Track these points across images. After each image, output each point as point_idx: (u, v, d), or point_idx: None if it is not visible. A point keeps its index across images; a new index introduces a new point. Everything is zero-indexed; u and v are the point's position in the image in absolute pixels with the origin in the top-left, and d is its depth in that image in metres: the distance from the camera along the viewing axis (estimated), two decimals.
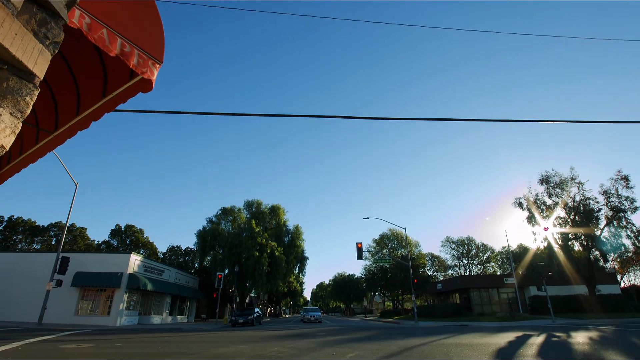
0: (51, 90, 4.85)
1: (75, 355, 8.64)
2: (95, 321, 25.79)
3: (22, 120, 1.86)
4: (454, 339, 12.21)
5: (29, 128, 5.59)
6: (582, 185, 32.08)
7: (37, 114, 5.26)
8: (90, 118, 4.56)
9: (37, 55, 1.88)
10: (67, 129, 4.95)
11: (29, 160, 5.98)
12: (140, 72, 3.51)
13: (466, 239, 63.16)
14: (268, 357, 8.27)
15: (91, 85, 4.39)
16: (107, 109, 4.42)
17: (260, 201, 48.32)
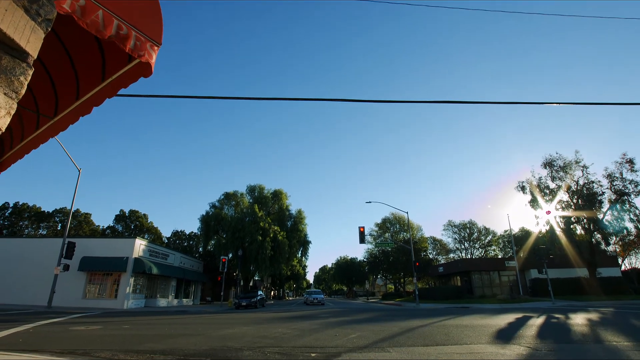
0: (49, 73, 4.76)
1: (84, 337, 8.85)
2: (103, 304, 26.36)
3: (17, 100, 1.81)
4: (454, 321, 12.41)
5: (29, 114, 5.53)
6: (586, 169, 31.91)
7: (36, 99, 5.19)
8: (92, 103, 4.49)
9: (29, 32, 1.81)
10: (67, 114, 4.89)
11: (30, 146, 5.94)
12: (138, 55, 3.42)
13: (468, 223, 63.45)
14: (272, 337, 8.44)
15: (89, 69, 4.30)
16: (109, 94, 4.35)
17: (263, 186, 48.48)
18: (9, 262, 27.81)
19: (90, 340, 8.28)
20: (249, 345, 7.25)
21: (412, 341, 7.70)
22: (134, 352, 6.52)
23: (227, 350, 6.74)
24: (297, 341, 7.89)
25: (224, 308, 27.28)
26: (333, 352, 6.46)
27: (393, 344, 7.28)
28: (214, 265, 43.13)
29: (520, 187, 35.04)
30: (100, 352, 6.51)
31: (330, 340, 8.02)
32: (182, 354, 6.36)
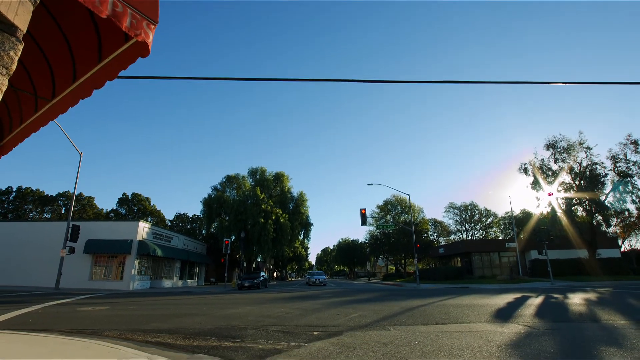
0: (44, 54, 4.66)
1: (92, 317, 9.07)
2: (109, 286, 26.90)
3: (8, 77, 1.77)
4: (454, 300, 12.62)
5: (26, 96, 5.46)
6: (590, 150, 31.66)
7: (33, 81, 5.11)
8: (91, 85, 4.41)
9: (16, 5, 1.74)
10: (66, 96, 4.82)
11: (30, 129, 5.90)
12: (134, 34, 3.33)
13: (469, 205, 63.64)
14: (275, 317, 8.62)
15: (85, 50, 4.21)
16: (109, 77, 4.26)
17: (264, 168, 48.48)
18: (15, 246, 28.25)
19: (98, 320, 8.49)
20: (253, 325, 7.42)
21: (413, 320, 7.85)
22: (141, 332, 6.69)
23: (231, 329, 6.90)
24: (299, 320, 8.06)
25: (228, 289, 27.81)
26: (335, 330, 6.60)
27: (394, 323, 7.43)
28: (217, 247, 43.74)
29: (523, 169, 34.91)
30: (108, 331, 6.68)
31: (332, 319, 8.19)
32: (187, 332, 6.51)
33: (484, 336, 5.82)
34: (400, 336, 5.95)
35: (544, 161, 33.75)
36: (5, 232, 29.25)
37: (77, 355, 4.35)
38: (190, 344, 5.52)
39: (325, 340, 5.72)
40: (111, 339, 5.84)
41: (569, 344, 5.19)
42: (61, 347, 4.87)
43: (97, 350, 4.65)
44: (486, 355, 4.54)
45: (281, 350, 5.00)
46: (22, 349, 4.78)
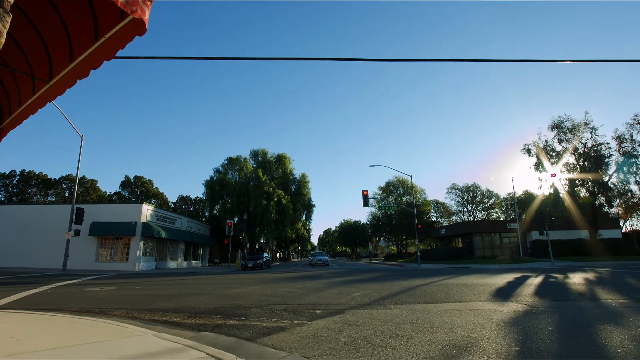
0: (39, 33, 4.55)
1: (100, 297, 9.27)
2: (115, 267, 27.42)
3: None
4: (454, 280, 12.80)
5: (23, 77, 5.37)
6: (595, 131, 31.31)
7: (29, 61, 5.01)
8: (88, 65, 4.33)
9: None
10: (64, 77, 4.74)
11: (29, 111, 5.84)
12: (130, 10, 3.24)
13: (472, 186, 63.66)
14: (278, 296, 8.79)
15: (81, 28, 4.10)
16: (105, 56, 4.17)
17: (266, 150, 48.38)
18: (21, 228, 28.66)
19: (105, 300, 8.68)
20: (257, 303, 7.56)
21: (413, 299, 7.98)
22: (147, 311, 6.84)
23: (235, 308, 7.05)
24: (302, 299, 8.21)
25: (232, 269, 28.30)
26: (337, 309, 6.73)
27: (395, 302, 7.56)
28: (220, 229, 44.21)
29: (526, 150, 34.66)
30: (115, 311, 6.84)
31: (334, 298, 8.34)
32: (192, 311, 6.66)
33: (484, 314, 5.91)
34: (401, 314, 6.06)
35: (547, 142, 33.48)
36: (11, 215, 29.62)
37: (87, 334, 4.46)
38: (195, 322, 5.65)
39: (327, 318, 5.83)
40: (119, 318, 5.99)
41: (567, 322, 5.27)
42: (70, 326, 5.00)
43: (106, 329, 4.77)
44: (485, 332, 4.62)
45: (285, 328, 5.11)
46: (33, 327, 4.91)
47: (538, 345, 3.95)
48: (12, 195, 53.73)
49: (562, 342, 4.12)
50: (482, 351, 3.77)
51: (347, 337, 4.51)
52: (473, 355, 3.62)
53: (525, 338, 4.32)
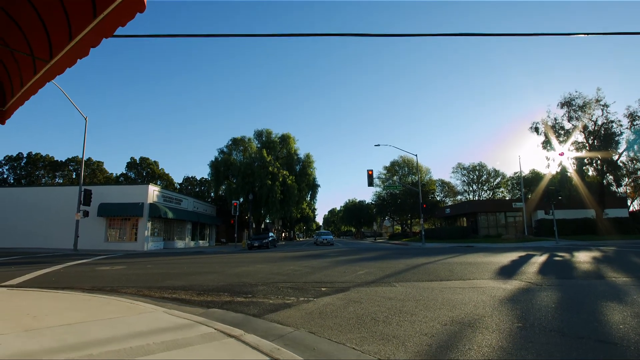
0: (38, 12, 4.46)
1: (110, 275, 9.52)
2: (125, 247, 28.02)
3: None
4: (458, 258, 12.91)
5: (24, 57, 5.32)
6: (607, 108, 30.57)
7: (29, 41, 4.95)
8: (88, 44, 4.26)
9: None
10: (64, 56, 4.69)
11: (30, 91, 5.83)
12: None
13: (478, 165, 63.15)
14: (285, 274, 8.95)
15: (79, 5, 4.00)
16: (104, 34, 4.09)
17: (270, 130, 48.11)
18: (31, 210, 29.23)
19: (116, 278, 8.91)
20: (263, 281, 7.72)
21: (417, 277, 8.09)
22: (157, 289, 7.02)
23: (242, 285, 7.20)
24: (308, 277, 8.36)
25: (238, 249, 28.80)
26: (342, 286, 6.85)
27: (399, 279, 7.67)
28: (226, 209, 44.72)
29: (534, 128, 34.06)
30: (126, 289, 7.02)
31: (339, 276, 8.48)
32: (201, 289, 6.82)
33: (487, 292, 5.98)
34: (405, 291, 6.15)
35: (556, 120, 32.82)
36: (21, 197, 30.15)
37: (99, 311, 4.60)
38: (204, 300, 5.80)
39: (333, 295, 5.95)
40: (130, 296, 6.16)
41: (570, 299, 5.32)
42: (84, 303, 5.15)
43: (117, 306, 4.91)
44: (488, 309, 4.68)
45: (291, 305, 5.23)
46: (48, 304, 5.07)
47: (540, 322, 4.01)
48: (21, 178, 54.48)
49: (564, 318, 4.17)
50: (485, 327, 3.83)
51: (352, 314, 4.61)
52: (476, 331, 3.68)
53: (527, 315, 4.37)
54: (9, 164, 54.92)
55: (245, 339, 3.28)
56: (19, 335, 3.39)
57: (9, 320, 4.00)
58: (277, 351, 2.94)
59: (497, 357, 2.95)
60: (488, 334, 3.57)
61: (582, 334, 3.52)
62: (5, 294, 6.05)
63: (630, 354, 2.97)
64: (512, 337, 3.48)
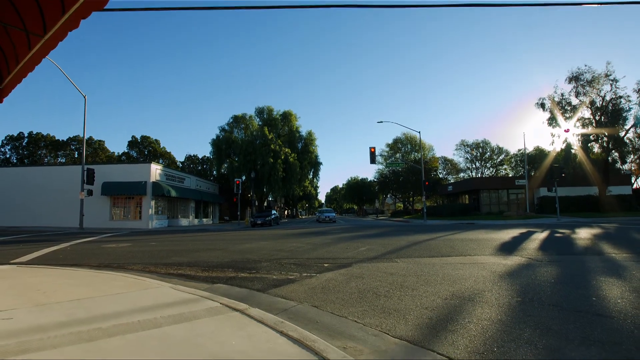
0: None
1: (117, 252, 9.70)
2: (129, 225, 28.42)
3: None
4: (460, 235, 13.03)
5: (18, 33, 5.20)
6: (616, 83, 29.83)
7: (22, 17, 4.83)
8: (79, 16, 4.16)
9: None
10: (57, 30, 4.59)
11: (26, 68, 5.75)
12: None
13: (481, 142, 62.65)
14: (287, 251, 9.09)
15: None
16: (95, 6, 3.98)
17: (272, 107, 47.58)
18: (36, 189, 29.50)
19: (122, 255, 9.08)
20: (267, 258, 7.85)
21: (419, 253, 8.18)
22: (163, 265, 7.16)
23: (246, 261, 7.33)
24: (310, 254, 8.48)
25: (242, 226, 29.17)
26: (344, 262, 6.96)
27: (400, 256, 7.77)
28: (229, 187, 44.93)
29: (540, 104, 33.43)
30: (132, 265, 7.17)
31: (341, 252, 8.60)
32: (206, 265, 6.95)
33: (487, 267, 6.05)
34: (407, 267, 6.24)
35: (563, 95, 32.14)
36: (26, 176, 30.36)
37: (107, 286, 4.71)
38: (209, 275, 5.91)
39: (335, 271, 6.05)
40: (136, 272, 6.28)
41: (569, 275, 5.38)
42: (91, 279, 5.27)
43: (124, 282, 5.02)
44: (488, 284, 4.75)
45: (294, 280, 5.33)
46: (57, 280, 5.19)
47: (540, 296, 4.07)
48: (23, 157, 54.66)
49: (563, 293, 4.23)
50: (485, 301, 3.90)
51: (354, 288, 4.70)
52: (476, 305, 3.75)
53: (527, 289, 4.44)
54: (11, 144, 54.98)
55: (250, 313, 3.36)
56: (30, 310, 3.48)
57: (20, 296, 4.11)
58: (281, 324, 3.01)
59: (496, 329, 3.02)
60: (487, 308, 3.64)
61: (580, 308, 3.58)
62: (15, 271, 6.19)
63: (627, 326, 3.02)
64: (511, 311, 3.54)
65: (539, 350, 2.58)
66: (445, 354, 2.57)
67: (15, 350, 2.41)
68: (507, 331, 2.98)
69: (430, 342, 2.80)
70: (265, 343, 2.60)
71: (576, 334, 2.88)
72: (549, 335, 2.87)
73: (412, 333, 3.01)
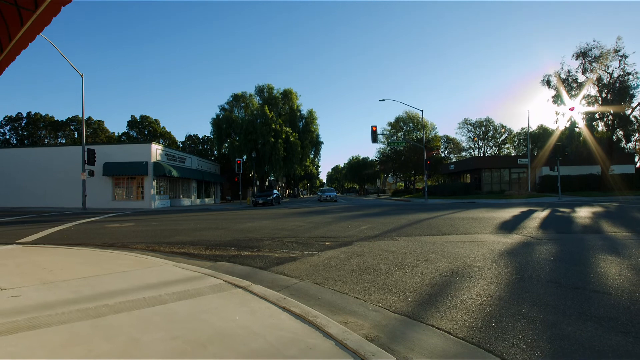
0: None
1: (120, 232, 9.82)
2: (132, 205, 28.64)
3: None
4: (460, 214, 13.09)
5: (9, 8, 5.05)
6: (625, 59, 29.06)
7: None
8: None
9: None
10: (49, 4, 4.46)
11: (20, 46, 5.63)
12: None
13: (485, 121, 61.99)
14: (289, 229, 9.17)
15: None
16: None
17: (272, 86, 46.79)
18: (38, 170, 29.56)
19: (126, 235, 9.19)
20: (269, 236, 7.93)
21: (419, 231, 8.25)
22: (166, 244, 7.25)
23: (249, 240, 7.41)
24: (312, 232, 8.56)
25: (243, 206, 29.36)
26: (345, 240, 7.03)
27: (401, 234, 7.84)
28: (230, 167, 44.95)
29: (546, 81, 32.75)
30: (136, 244, 7.26)
31: (342, 231, 8.68)
32: (209, 244, 7.04)
33: (488, 245, 6.11)
34: (407, 245, 6.30)
35: (570, 72, 31.41)
36: (27, 157, 30.35)
37: (112, 264, 4.78)
38: (212, 254, 6.00)
39: (336, 249, 6.12)
40: (140, 251, 6.37)
41: (568, 252, 5.43)
42: (96, 258, 5.35)
43: (129, 260, 5.10)
44: (488, 262, 4.81)
45: (296, 258, 5.40)
46: (63, 259, 5.27)
47: (538, 274, 4.12)
48: (23, 138, 54.46)
49: (561, 270, 4.28)
50: (484, 278, 3.95)
51: (355, 266, 4.76)
52: (475, 282, 3.81)
53: (526, 267, 4.49)
54: (10, 124, 54.65)
55: (253, 289, 3.42)
56: (38, 288, 3.56)
57: (27, 275, 4.18)
58: (283, 300, 3.07)
59: (495, 305, 3.07)
60: (487, 285, 3.69)
61: (577, 285, 3.63)
62: (22, 251, 6.29)
63: (623, 302, 3.07)
64: (509, 288, 3.59)
65: (536, 325, 2.63)
66: (444, 328, 2.62)
67: (26, 326, 2.47)
68: (506, 307, 3.03)
69: (430, 317, 2.86)
70: (268, 318, 2.66)
71: (573, 309, 2.93)
72: (547, 310, 2.92)
73: (412, 309, 3.07)
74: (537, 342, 2.37)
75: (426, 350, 2.31)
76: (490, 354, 2.24)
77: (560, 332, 2.50)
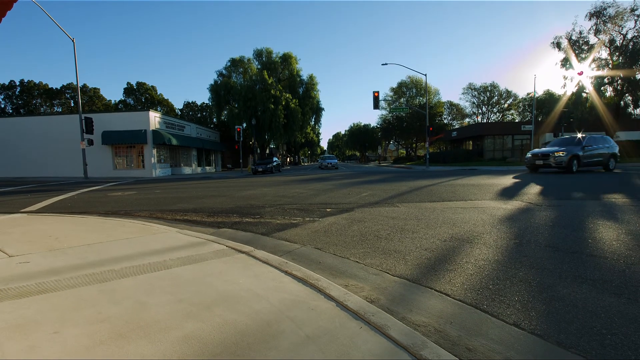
0: None
1: (123, 200, 9.91)
2: (133, 174, 28.75)
3: None
4: (461, 180, 13.11)
5: None
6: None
7: None
8: None
9: None
10: None
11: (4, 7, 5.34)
12: None
13: (490, 86, 60.50)
14: (290, 196, 9.24)
15: None
16: None
17: (271, 49, 45.36)
18: (37, 139, 29.39)
19: (128, 202, 9.28)
20: (270, 203, 8.00)
21: (420, 198, 8.30)
22: (169, 211, 7.33)
23: (250, 207, 7.49)
24: (313, 199, 8.63)
25: (244, 174, 29.45)
26: (346, 207, 7.09)
27: (402, 200, 7.89)
28: (230, 135, 44.64)
29: (556, 43, 31.52)
30: (139, 212, 7.35)
31: (343, 197, 8.73)
32: (211, 211, 7.11)
33: (487, 211, 6.16)
34: (408, 211, 6.36)
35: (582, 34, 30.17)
36: (25, 126, 30.07)
37: (116, 232, 4.86)
38: (214, 220, 6.07)
39: (337, 215, 6.18)
40: (143, 218, 6.46)
41: (567, 218, 5.47)
42: (100, 226, 5.43)
43: (132, 227, 5.17)
44: (487, 227, 4.86)
45: (297, 224, 5.47)
46: (68, 227, 5.35)
47: (537, 239, 4.17)
48: (18, 107, 53.65)
49: (560, 236, 4.33)
50: (483, 243, 4.01)
51: (356, 232, 4.83)
52: (474, 247, 3.87)
53: (525, 232, 4.54)
54: (4, 93, 53.60)
55: (255, 255, 3.49)
56: (45, 255, 3.63)
57: (34, 242, 4.26)
58: (285, 264, 3.14)
59: (492, 269, 3.14)
60: (485, 249, 3.75)
61: (575, 249, 3.68)
62: (27, 219, 6.38)
63: (619, 266, 3.12)
64: (508, 252, 3.65)
65: (532, 287, 2.70)
66: (443, 291, 2.69)
67: (36, 290, 2.55)
68: (503, 270, 3.10)
69: (429, 280, 2.93)
70: (271, 281, 2.73)
71: (569, 273, 2.99)
72: (543, 274, 2.98)
73: (411, 272, 3.14)
74: (532, 303, 2.44)
75: (424, 311, 2.38)
76: (487, 314, 2.31)
77: (555, 294, 2.56)
